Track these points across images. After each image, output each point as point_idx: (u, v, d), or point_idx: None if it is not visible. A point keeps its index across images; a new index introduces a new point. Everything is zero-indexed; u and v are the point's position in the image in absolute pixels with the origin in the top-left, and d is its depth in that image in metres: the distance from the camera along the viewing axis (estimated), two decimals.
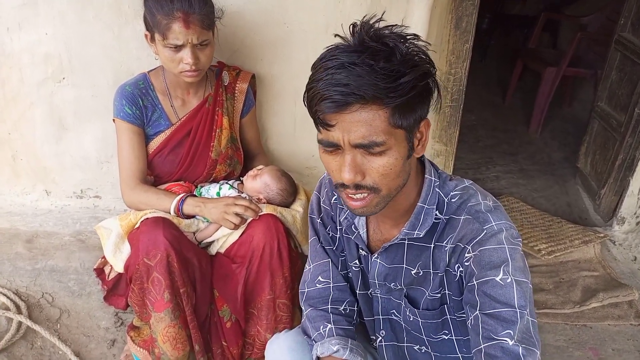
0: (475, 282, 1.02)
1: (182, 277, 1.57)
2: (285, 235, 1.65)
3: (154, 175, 1.82)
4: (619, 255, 2.65)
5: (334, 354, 1.17)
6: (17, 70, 1.98)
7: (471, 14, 2.33)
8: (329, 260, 1.32)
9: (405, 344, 1.28)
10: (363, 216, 1.07)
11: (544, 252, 2.55)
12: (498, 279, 0.99)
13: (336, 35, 0.97)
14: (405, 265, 1.16)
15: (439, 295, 1.15)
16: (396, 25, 0.97)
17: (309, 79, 0.97)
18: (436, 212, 1.10)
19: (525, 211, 2.94)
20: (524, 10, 5.66)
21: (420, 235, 1.10)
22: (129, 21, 1.91)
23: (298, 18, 1.98)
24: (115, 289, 1.80)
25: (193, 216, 1.71)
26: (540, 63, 3.97)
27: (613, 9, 3.71)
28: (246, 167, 1.92)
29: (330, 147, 0.98)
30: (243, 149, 1.94)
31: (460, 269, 1.07)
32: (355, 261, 1.26)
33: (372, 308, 1.29)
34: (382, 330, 1.30)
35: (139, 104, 1.73)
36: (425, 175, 1.11)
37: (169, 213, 1.68)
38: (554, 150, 3.79)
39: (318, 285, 1.32)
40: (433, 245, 1.11)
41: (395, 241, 1.13)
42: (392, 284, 1.20)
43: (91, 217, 2.16)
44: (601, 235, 2.69)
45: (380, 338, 1.31)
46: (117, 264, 1.65)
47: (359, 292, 1.30)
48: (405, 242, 1.13)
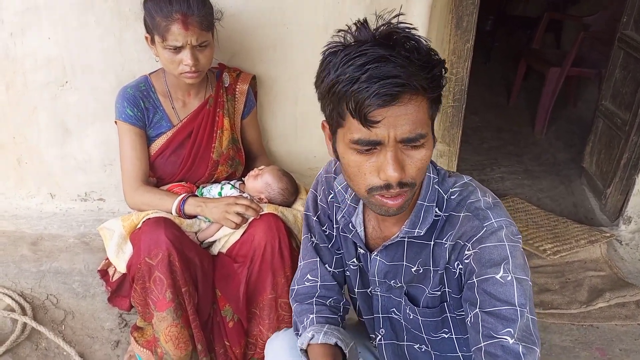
0: (475, 280, 1.00)
1: (184, 277, 1.57)
2: (287, 234, 1.65)
3: (156, 177, 1.83)
4: (626, 255, 2.63)
5: (311, 340, 1.15)
6: (21, 75, 2.00)
7: (472, 14, 2.33)
8: (317, 259, 1.31)
9: (405, 343, 1.27)
10: (396, 215, 1.03)
11: (549, 252, 2.53)
12: (498, 276, 0.97)
13: (339, 30, 0.93)
14: (405, 263, 1.14)
15: (439, 292, 1.14)
16: (401, 19, 0.93)
17: (334, 80, 0.90)
18: (436, 209, 1.09)
19: (531, 211, 2.92)
20: (527, 10, 5.65)
21: (421, 234, 1.09)
22: (129, 24, 1.92)
23: (297, 19, 1.98)
24: (119, 291, 1.80)
25: (195, 216, 1.72)
26: (544, 63, 3.96)
27: (616, 7, 3.69)
28: (248, 168, 1.92)
29: (369, 146, 0.92)
30: (245, 150, 1.95)
31: (460, 266, 1.06)
32: (354, 259, 1.25)
33: (372, 306, 1.27)
34: (382, 329, 1.28)
35: (140, 106, 1.74)
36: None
37: (171, 213, 1.69)
38: (559, 150, 3.77)
39: (306, 283, 1.31)
40: (433, 243, 1.10)
41: (395, 240, 1.11)
42: (392, 282, 1.19)
43: (95, 220, 2.17)
44: (607, 234, 2.67)
45: (379, 337, 1.29)
46: (120, 265, 1.66)
47: (357, 291, 1.29)
48: (405, 240, 1.12)
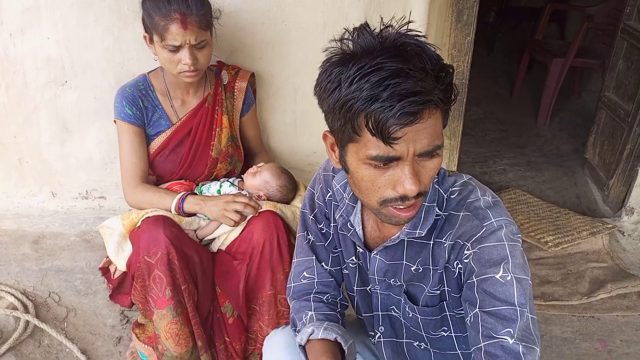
0: (474, 280, 1.00)
1: (183, 274, 1.58)
2: (285, 231, 1.65)
3: (155, 175, 1.84)
4: (628, 246, 2.62)
5: (310, 336, 1.16)
6: (21, 75, 2.00)
7: (472, 7, 2.32)
8: (313, 258, 1.32)
9: (404, 341, 1.27)
10: (406, 223, 1.04)
11: (550, 244, 2.53)
12: (498, 276, 0.97)
13: (343, 38, 0.91)
14: (405, 262, 1.15)
15: (438, 292, 1.14)
16: (402, 19, 0.91)
17: (348, 97, 0.87)
18: (436, 209, 1.09)
19: (532, 203, 2.92)
20: (531, 2, 5.61)
21: (422, 234, 1.08)
22: (128, 23, 1.92)
23: (296, 16, 1.98)
24: (121, 288, 1.81)
25: (194, 214, 1.73)
26: (547, 54, 3.93)
27: None
28: (247, 165, 1.93)
29: (387, 162, 0.91)
30: (244, 147, 1.95)
31: (460, 266, 1.06)
32: (352, 257, 1.25)
33: (372, 304, 1.28)
34: (381, 327, 1.29)
35: (139, 104, 1.74)
36: None
37: (170, 211, 1.70)
38: (562, 142, 3.75)
39: (303, 280, 1.32)
40: (432, 242, 1.10)
41: (396, 240, 1.11)
42: (392, 280, 1.19)
43: (96, 218, 2.18)
44: (609, 226, 2.66)
45: (379, 334, 1.30)
46: (120, 263, 1.67)
47: (356, 289, 1.29)
48: (405, 239, 1.12)
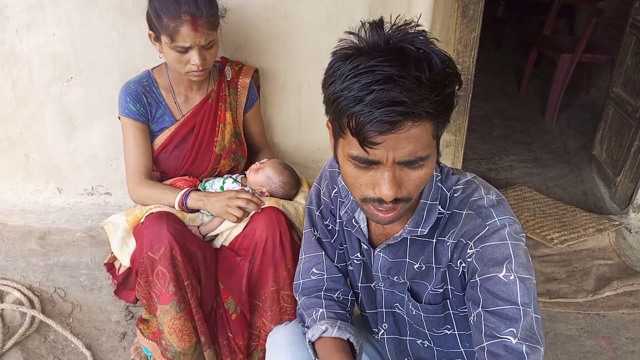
0: (477, 279, 1.00)
1: (186, 270, 1.58)
2: (288, 227, 1.65)
3: (160, 171, 1.84)
4: (635, 244, 2.60)
5: (323, 333, 1.16)
6: (27, 71, 2.02)
7: (478, 2, 2.30)
8: (322, 253, 1.31)
9: (407, 338, 1.27)
10: (389, 225, 1.04)
11: (556, 241, 2.51)
12: (501, 275, 0.97)
13: (350, 32, 0.88)
14: (408, 260, 1.14)
15: (441, 290, 1.14)
16: (411, 22, 0.89)
17: (338, 94, 0.86)
18: (439, 207, 1.08)
19: (538, 200, 2.90)
20: None
21: (424, 232, 1.08)
22: (133, 19, 1.93)
23: (300, 11, 1.97)
24: (126, 283, 1.82)
25: (197, 210, 1.73)
26: (555, 50, 3.89)
27: None
28: (251, 161, 1.93)
29: (366, 164, 0.91)
30: (248, 143, 1.95)
31: (463, 264, 1.05)
32: (357, 254, 1.25)
33: (375, 301, 1.28)
34: (385, 324, 1.28)
35: (143, 101, 1.75)
36: None
37: (174, 207, 1.70)
38: (569, 138, 3.72)
39: (312, 276, 1.32)
40: (435, 240, 1.10)
41: (398, 238, 1.11)
42: (395, 278, 1.19)
43: (102, 214, 2.19)
44: (616, 223, 2.64)
45: (382, 331, 1.30)
46: (124, 259, 1.68)
47: (361, 285, 1.29)
48: (408, 237, 1.11)
